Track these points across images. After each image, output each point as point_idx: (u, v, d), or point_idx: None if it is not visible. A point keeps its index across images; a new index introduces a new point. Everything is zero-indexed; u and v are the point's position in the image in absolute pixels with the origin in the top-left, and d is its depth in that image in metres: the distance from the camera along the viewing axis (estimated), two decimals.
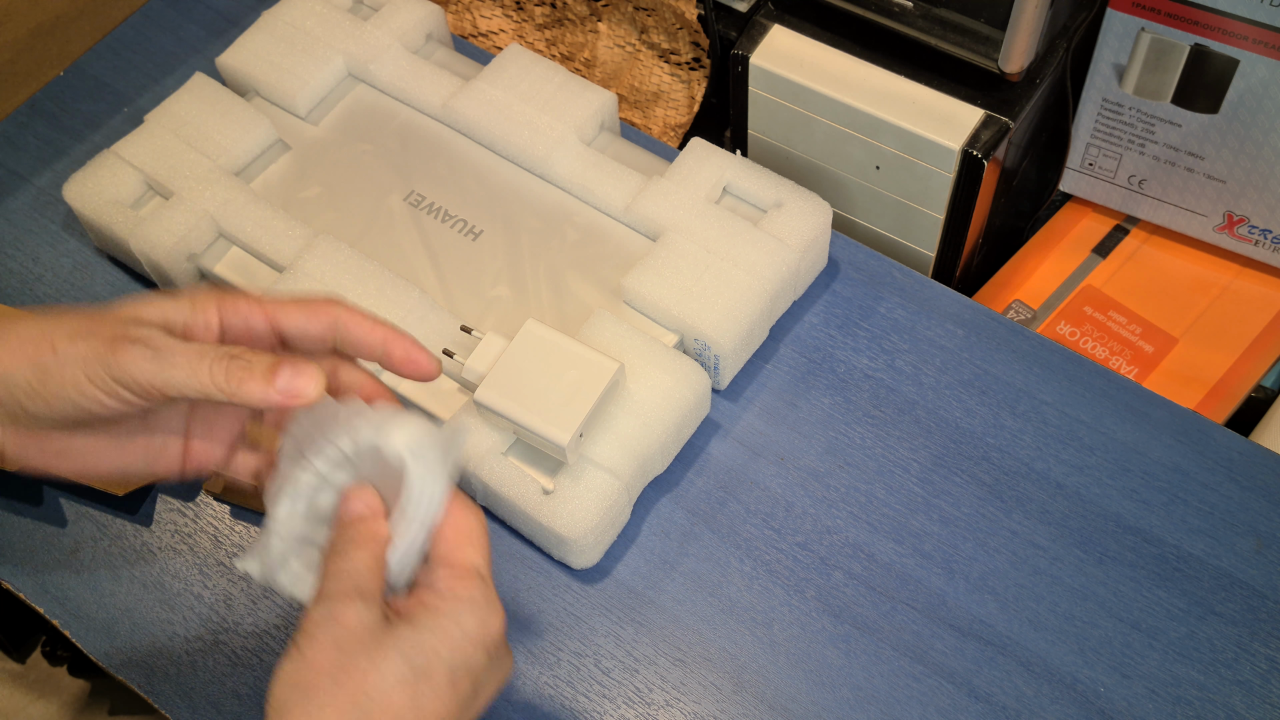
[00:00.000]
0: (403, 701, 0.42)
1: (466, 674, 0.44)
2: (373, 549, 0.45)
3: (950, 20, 0.71)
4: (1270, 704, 0.57)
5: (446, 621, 0.44)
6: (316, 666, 0.42)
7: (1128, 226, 0.84)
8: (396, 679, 0.42)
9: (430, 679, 0.43)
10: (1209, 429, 0.65)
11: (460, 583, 0.45)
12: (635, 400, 0.61)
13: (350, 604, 0.43)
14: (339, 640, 0.42)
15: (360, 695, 0.41)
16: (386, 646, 0.42)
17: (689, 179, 0.68)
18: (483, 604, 0.45)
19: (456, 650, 0.44)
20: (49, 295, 0.73)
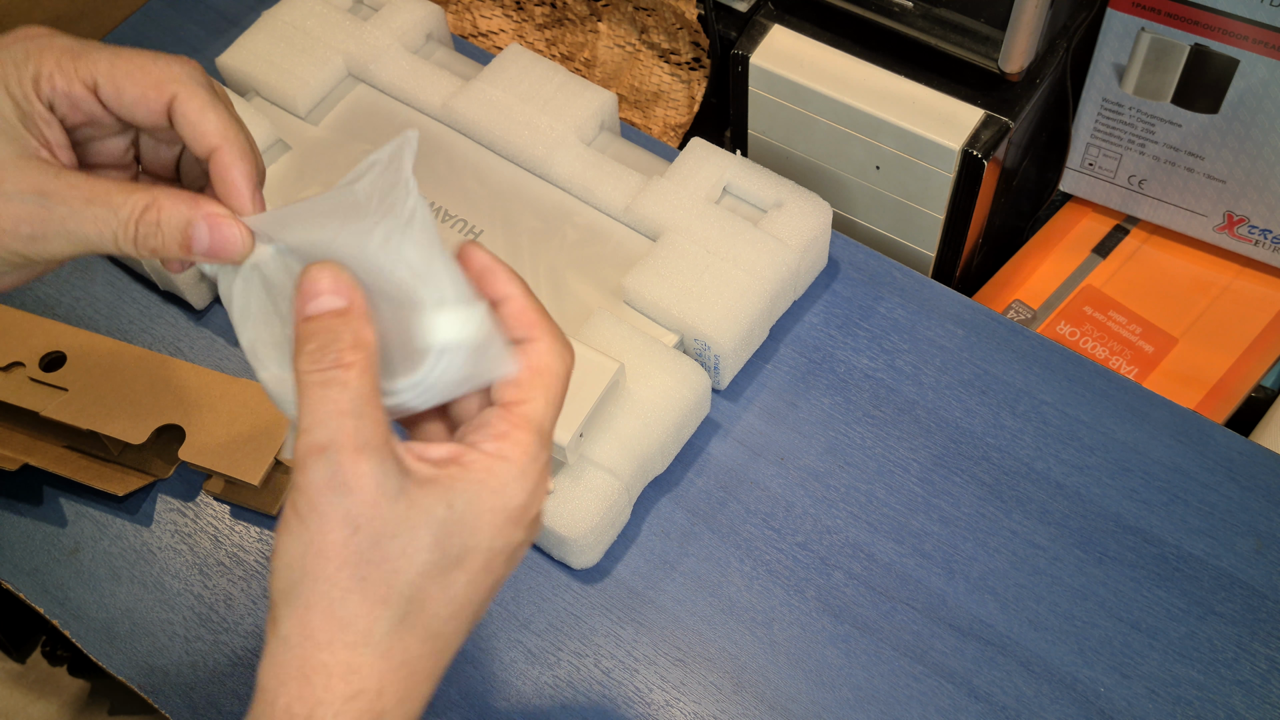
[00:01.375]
0: (437, 594, 0.36)
1: (505, 555, 0.37)
2: (366, 366, 0.35)
3: (950, 20, 0.71)
4: (1270, 704, 0.57)
5: (488, 496, 0.36)
6: (330, 552, 0.34)
7: (1128, 226, 0.84)
8: (430, 568, 0.35)
9: (465, 565, 0.36)
10: (1209, 429, 0.65)
11: (514, 439, 0.37)
12: (635, 400, 0.61)
13: (358, 461, 0.34)
14: (354, 517, 0.34)
15: (390, 590, 0.35)
16: (416, 530, 0.35)
17: (689, 179, 0.68)
18: (533, 472, 0.37)
19: (497, 532, 0.36)
20: (49, 295, 0.73)
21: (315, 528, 0.34)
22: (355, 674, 0.35)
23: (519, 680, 0.60)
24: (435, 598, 0.36)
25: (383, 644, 0.35)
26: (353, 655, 0.35)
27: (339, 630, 0.35)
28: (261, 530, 0.65)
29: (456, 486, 0.35)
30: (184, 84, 0.39)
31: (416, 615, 0.36)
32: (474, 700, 0.59)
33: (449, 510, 0.35)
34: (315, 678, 0.35)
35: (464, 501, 0.35)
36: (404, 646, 0.36)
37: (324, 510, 0.34)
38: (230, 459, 0.63)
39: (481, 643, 0.61)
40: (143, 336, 0.71)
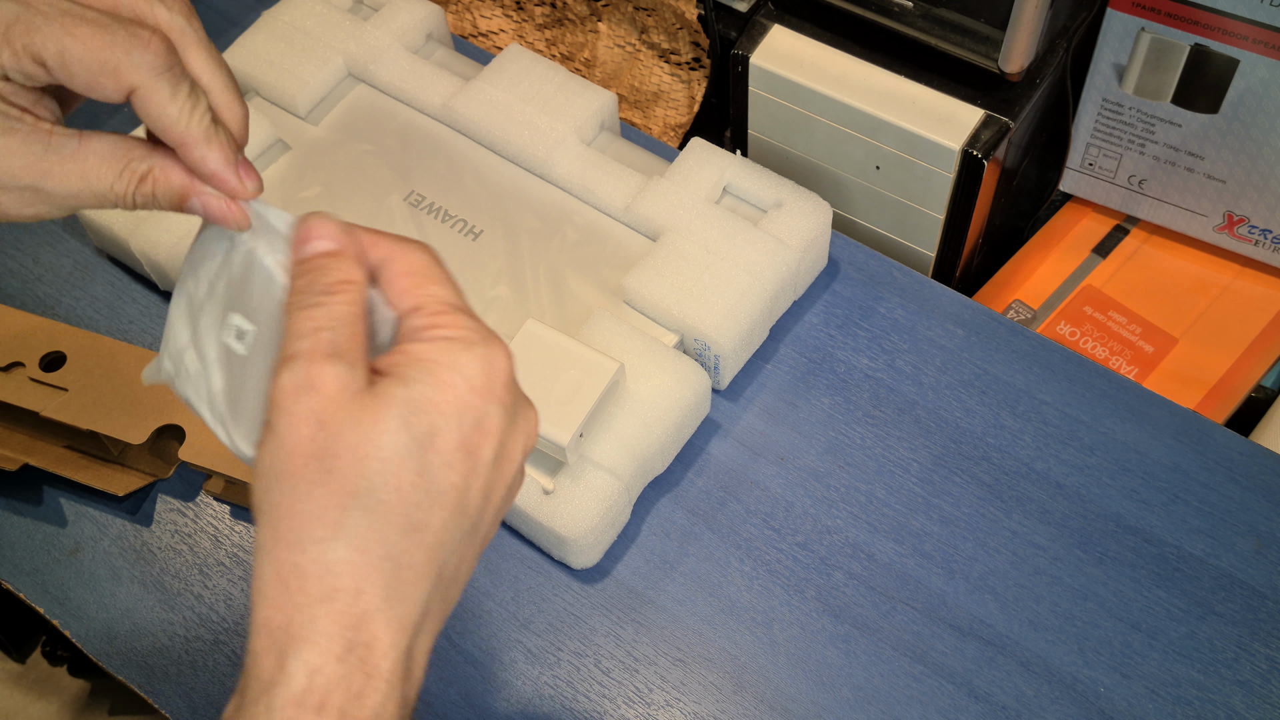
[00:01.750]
0: (410, 479, 0.34)
1: (481, 434, 0.35)
2: (351, 297, 0.36)
3: (950, 20, 0.71)
4: (1270, 704, 0.57)
5: (442, 371, 0.35)
6: (297, 449, 0.34)
7: (1128, 226, 0.84)
8: (397, 452, 0.34)
9: (437, 446, 0.34)
10: (1209, 429, 0.65)
11: (442, 321, 0.36)
12: (635, 400, 0.61)
13: (326, 365, 0.34)
14: (319, 412, 0.34)
15: (358, 479, 0.34)
16: (377, 412, 0.34)
17: (689, 179, 0.68)
18: (479, 341, 0.36)
19: (464, 405, 0.35)
20: (49, 295, 0.73)
21: (283, 430, 0.34)
22: (329, 573, 0.33)
23: (519, 680, 0.60)
24: (410, 483, 0.34)
25: (356, 537, 0.33)
26: (324, 552, 0.33)
27: (307, 526, 0.33)
28: None
29: (410, 368, 0.35)
30: (141, 75, 0.36)
31: (392, 504, 0.34)
32: (474, 700, 0.59)
33: (406, 389, 0.34)
34: (290, 581, 0.33)
35: (421, 380, 0.35)
36: (382, 539, 0.34)
37: (291, 410, 0.34)
38: (230, 459, 0.63)
39: (481, 643, 0.61)
40: (143, 336, 0.71)
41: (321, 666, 0.33)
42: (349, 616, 0.33)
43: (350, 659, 0.33)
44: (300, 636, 0.33)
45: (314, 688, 0.33)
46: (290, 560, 0.33)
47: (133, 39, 0.36)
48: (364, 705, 0.33)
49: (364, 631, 0.33)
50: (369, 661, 0.33)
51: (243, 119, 0.40)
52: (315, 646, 0.33)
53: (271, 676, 0.33)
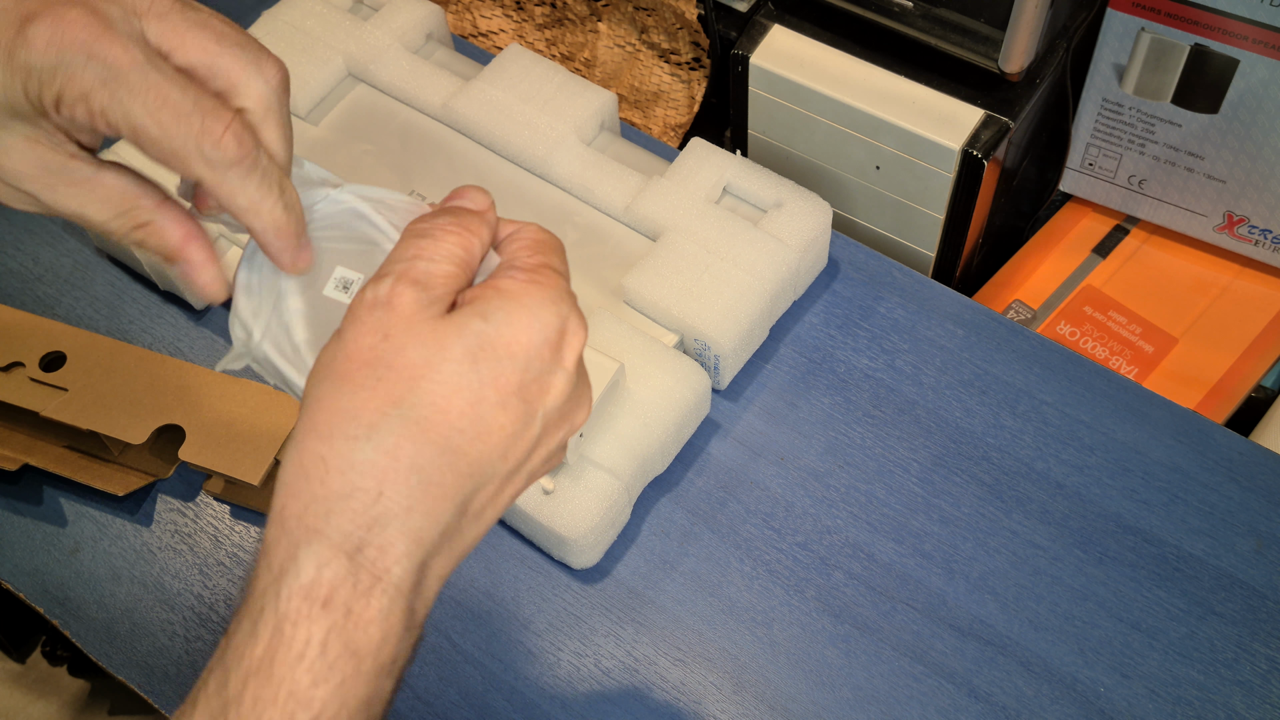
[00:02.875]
0: (460, 407, 0.34)
1: (541, 388, 0.36)
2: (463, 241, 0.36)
3: (950, 20, 0.71)
4: (1270, 704, 0.57)
5: (522, 313, 0.35)
6: (355, 354, 0.34)
7: (1128, 226, 0.84)
8: (456, 379, 0.34)
9: (498, 384, 0.34)
10: (1209, 429, 0.65)
11: (544, 272, 0.37)
12: (635, 400, 0.61)
13: (406, 288, 0.35)
14: (386, 326, 0.34)
15: (405, 393, 0.34)
16: (446, 338, 0.34)
17: (689, 179, 0.68)
18: (566, 300, 0.36)
19: (534, 354, 0.35)
20: (49, 295, 0.73)
21: (349, 335, 0.34)
22: (352, 469, 0.33)
23: (519, 680, 0.60)
24: (459, 410, 0.34)
25: (387, 441, 0.33)
26: (352, 449, 0.33)
27: (342, 421, 0.33)
28: (261, 530, 0.65)
29: (494, 301, 0.35)
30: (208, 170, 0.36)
31: (434, 423, 0.33)
32: (474, 700, 0.59)
33: (484, 322, 0.34)
34: (312, 470, 0.33)
35: (502, 314, 0.35)
36: (415, 450, 0.33)
37: (361, 319, 0.34)
38: (230, 459, 0.63)
39: (481, 643, 0.61)
40: (143, 336, 0.71)
41: (331, 560, 0.33)
42: (365, 516, 0.33)
43: (360, 558, 0.33)
44: (314, 528, 0.33)
45: (321, 580, 0.33)
46: (317, 451, 0.33)
47: (205, 134, 0.35)
48: (369, 605, 0.33)
49: (378, 534, 0.33)
50: (379, 564, 0.33)
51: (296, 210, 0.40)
52: (327, 540, 0.33)
53: (281, 566, 0.33)
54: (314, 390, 0.34)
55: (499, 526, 0.64)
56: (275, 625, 0.33)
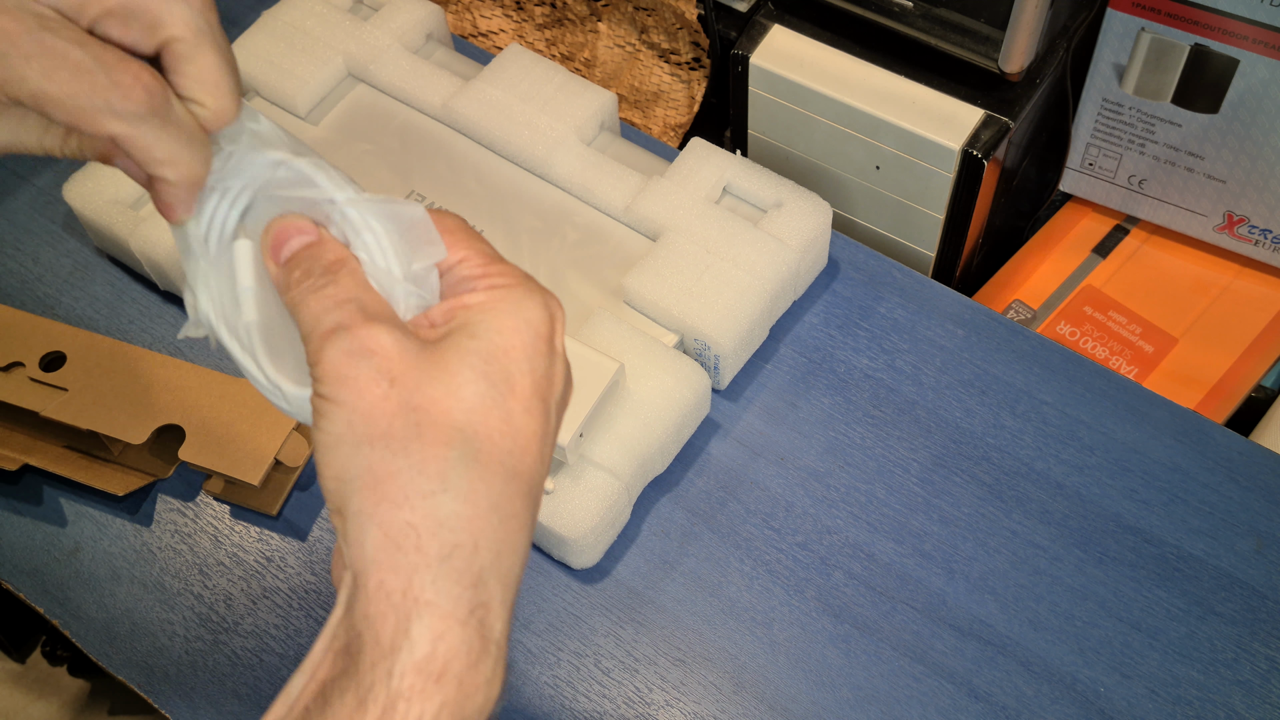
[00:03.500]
0: (499, 426, 0.33)
1: (548, 381, 0.35)
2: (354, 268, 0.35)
3: (950, 20, 0.71)
4: (1270, 704, 0.57)
5: (506, 318, 0.34)
6: (375, 410, 0.32)
7: (1128, 226, 0.84)
8: (482, 400, 0.33)
9: (517, 392, 0.33)
10: (1209, 429, 0.65)
11: (493, 270, 0.35)
12: (635, 400, 0.61)
13: (373, 327, 0.33)
14: (386, 371, 0.32)
15: (451, 430, 0.32)
16: (449, 365, 0.33)
17: (689, 179, 0.68)
18: (536, 288, 0.35)
19: (533, 351, 0.34)
20: (49, 295, 0.73)
21: (350, 396, 0.32)
22: (443, 528, 0.31)
23: (519, 680, 0.60)
24: (498, 430, 0.33)
25: (463, 486, 0.32)
26: (435, 507, 0.32)
27: (411, 482, 0.32)
28: (261, 530, 0.65)
29: (473, 320, 0.34)
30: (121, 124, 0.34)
31: (489, 453, 0.32)
32: None
33: (475, 340, 0.33)
34: (404, 541, 0.31)
35: (488, 329, 0.33)
36: (487, 489, 0.32)
37: (352, 376, 0.32)
38: (230, 459, 0.63)
39: None
40: (143, 336, 0.71)
41: (445, 632, 0.31)
42: (469, 575, 0.32)
43: (472, 622, 0.32)
44: (423, 600, 0.31)
45: (437, 654, 0.31)
46: (400, 519, 0.32)
47: (112, 88, 0.33)
48: (479, 672, 0.32)
49: (482, 591, 0.32)
50: (486, 624, 0.32)
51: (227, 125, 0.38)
52: (438, 610, 0.31)
53: (393, 642, 0.31)
54: (355, 461, 0.32)
55: None
56: (387, 703, 0.31)
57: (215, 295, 0.37)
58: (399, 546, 0.32)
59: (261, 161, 0.36)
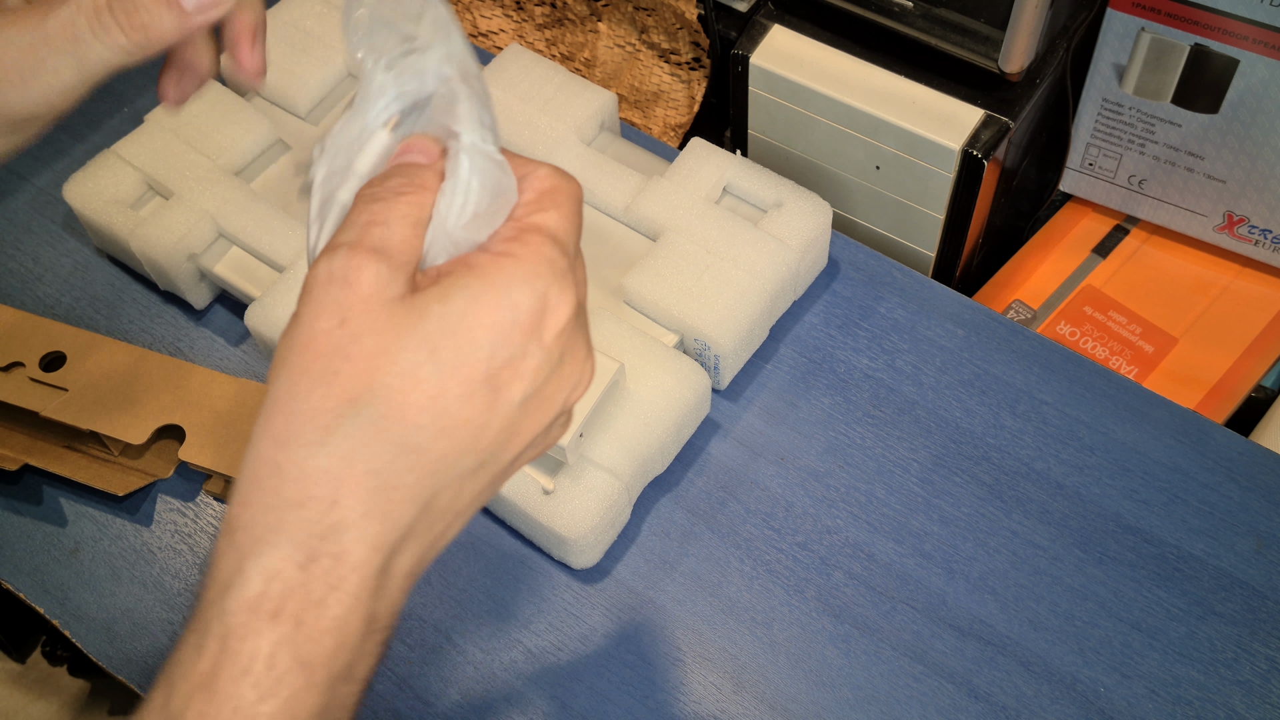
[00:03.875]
0: (419, 400, 0.32)
1: (513, 372, 0.33)
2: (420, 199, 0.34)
3: (950, 20, 0.71)
4: (1270, 704, 0.57)
5: (490, 294, 0.32)
6: (311, 343, 0.32)
7: (1128, 226, 0.84)
8: (413, 371, 0.32)
9: (460, 374, 0.32)
10: (1209, 429, 0.65)
11: (526, 239, 0.34)
12: (635, 400, 0.61)
13: (365, 260, 0.32)
14: (344, 308, 0.32)
15: (363, 388, 0.31)
16: (403, 324, 0.32)
17: (689, 179, 0.68)
18: (546, 272, 0.33)
19: (501, 338, 0.32)
20: (49, 295, 0.73)
21: (306, 319, 0.32)
22: (306, 478, 0.31)
23: (519, 680, 0.60)
24: (417, 405, 0.32)
25: (343, 446, 0.31)
26: (306, 456, 0.31)
27: (297, 426, 0.31)
28: None
29: (457, 283, 0.32)
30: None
31: (391, 421, 0.31)
32: (474, 700, 0.59)
33: (444, 306, 0.32)
34: (265, 479, 0.32)
35: (463, 299, 0.32)
36: (372, 453, 0.31)
37: (318, 300, 0.32)
38: (230, 459, 0.63)
39: (481, 642, 0.61)
40: (143, 336, 0.71)
41: (280, 571, 0.31)
42: (319, 526, 0.31)
43: (314, 568, 0.31)
44: (263, 539, 0.31)
45: (270, 593, 0.31)
46: (271, 457, 0.32)
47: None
48: (324, 615, 0.31)
49: (332, 543, 0.31)
50: (334, 573, 0.31)
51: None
52: (277, 550, 0.31)
53: (228, 579, 0.31)
54: (273, 385, 0.32)
55: (499, 526, 0.64)
56: (221, 639, 0.31)
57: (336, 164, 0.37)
58: (259, 483, 0.32)
59: (432, 73, 0.36)
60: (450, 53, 0.36)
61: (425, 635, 0.61)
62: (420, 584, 0.62)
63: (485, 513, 0.64)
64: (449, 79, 0.35)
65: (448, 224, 0.34)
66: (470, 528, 0.64)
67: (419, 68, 0.36)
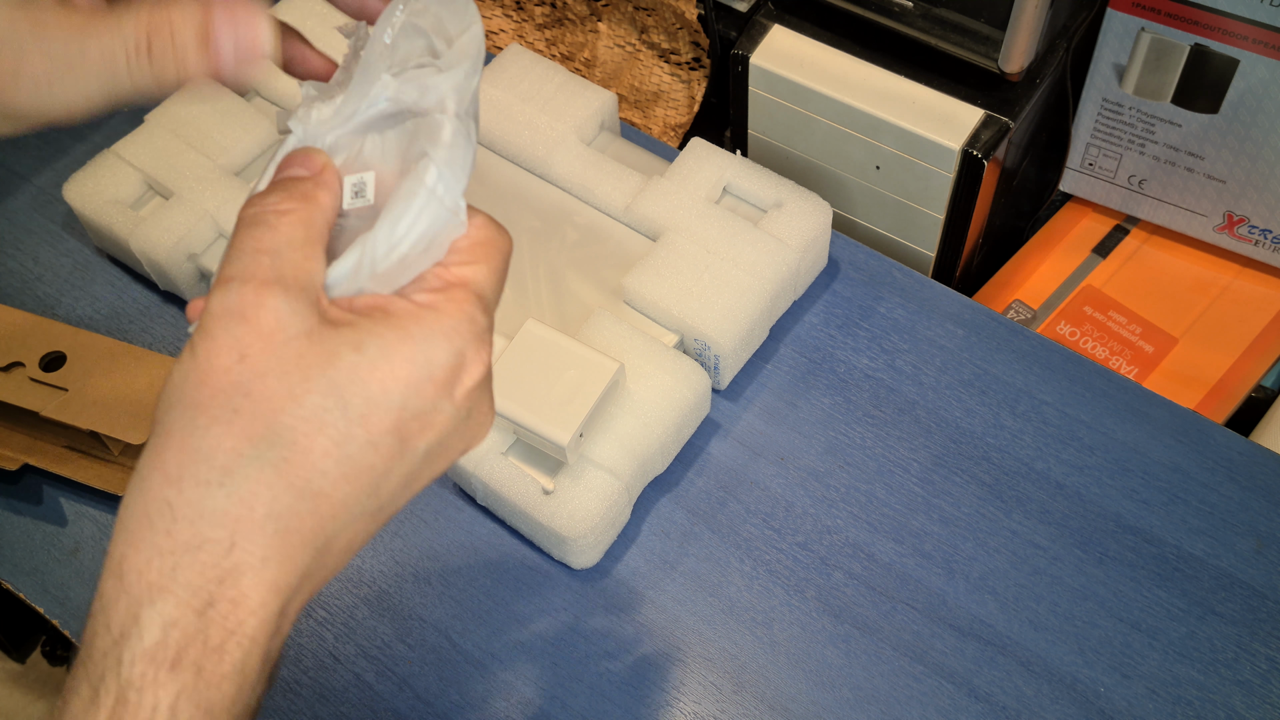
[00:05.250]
0: (324, 446, 0.31)
1: (421, 425, 0.32)
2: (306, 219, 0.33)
3: (950, 20, 0.71)
4: (1270, 704, 0.57)
5: (408, 345, 0.32)
6: (209, 379, 0.31)
7: (1128, 226, 0.84)
8: (319, 416, 0.31)
9: (368, 424, 0.31)
10: (1209, 429, 0.65)
11: (449, 294, 0.33)
12: (635, 400, 0.61)
13: (264, 295, 0.31)
14: (244, 345, 0.31)
15: (263, 430, 0.30)
16: (311, 369, 0.31)
17: (689, 179, 0.68)
18: (466, 331, 0.33)
19: (413, 392, 0.32)
20: (49, 295, 0.73)
21: (202, 355, 0.31)
22: (202, 519, 0.30)
23: (519, 680, 0.60)
24: (322, 449, 0.31)
25: (242, 488, 0.30)
26: (203, 496, 0.30)
27: (193, 463, 0.30)
28: None
29: (374, 330, 0.31)
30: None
31: (294, 465, 0.31)
32: (474, 700, 0.59)
33: (357, 354, 0.31)
34: (157, 518, 0.30)
35: (377, 347, 0.31)
36: (272, 497, 0.30)
37: (215, 335, 0.31)
38: None
39: (481, 642, 0.61)
40: (143, 336, 0.71)
41: (178, 619, 0.30)
42: (216, 570, 0.30)
43: (212, 614, 0.30)
44: (157, 585, 0.30)
45: (168, 642, 0.30)
46: (163, 495, 0.30)
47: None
48: (224, 660, 0.30)
49: (230, 587, 0.30)
50: (232, 618, 0.30)
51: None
52: (173, 597, 0.30)
53: (123, 628, 0.30)
54: (164, 419, 0.31)
55: (499, 526, 0.64)
56: (119, 694, 0.30)
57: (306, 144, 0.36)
58: (151, 524, 0.30)
59: (435, 96, 0.35)
60: (463, 86, 0.35)
61: (425, 635, 0.61)
62: (420, 584, 0.62)
63: (485, 513, 0.64)
64: (448, 110, 0.35)
65: (375, 254, 0.33)
66: (470, 528, 0.64)
67: (427, 84, 0.35)
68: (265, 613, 0.31)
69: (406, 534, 0.64)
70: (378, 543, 0.64)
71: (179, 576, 0.30)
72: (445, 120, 0.35)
